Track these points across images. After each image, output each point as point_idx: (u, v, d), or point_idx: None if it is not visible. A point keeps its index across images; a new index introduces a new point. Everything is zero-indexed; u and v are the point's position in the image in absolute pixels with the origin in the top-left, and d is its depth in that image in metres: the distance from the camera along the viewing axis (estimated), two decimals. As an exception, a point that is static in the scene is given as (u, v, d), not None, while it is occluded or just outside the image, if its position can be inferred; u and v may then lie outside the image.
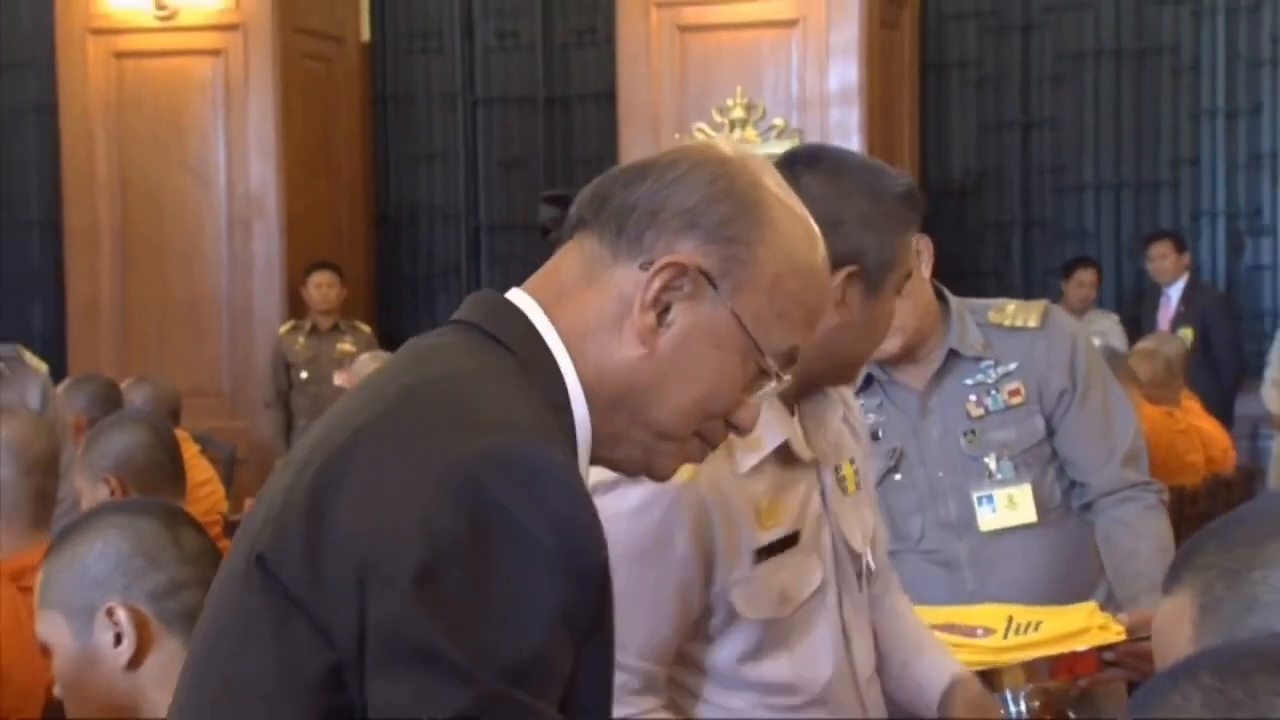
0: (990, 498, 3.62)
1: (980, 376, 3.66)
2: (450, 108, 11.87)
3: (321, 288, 8.42)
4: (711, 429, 1.74)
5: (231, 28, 9.75)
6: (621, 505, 2.50)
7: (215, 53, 9.84)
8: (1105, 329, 9.78)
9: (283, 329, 9.02)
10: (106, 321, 10.34)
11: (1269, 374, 9.46)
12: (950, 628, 3.32)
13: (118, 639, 2.40)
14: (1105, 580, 3.66)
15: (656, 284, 1.62)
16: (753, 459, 2.64)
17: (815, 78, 9.11)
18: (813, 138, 8.68)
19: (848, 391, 3.02)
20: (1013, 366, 3.64)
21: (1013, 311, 3.71)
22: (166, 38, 9.88)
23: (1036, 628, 3.38)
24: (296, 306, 9.61)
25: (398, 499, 1.51)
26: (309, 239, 9.87)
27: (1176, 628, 1.50)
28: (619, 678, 2.36)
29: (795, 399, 2.74)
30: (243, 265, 10.16)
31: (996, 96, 11.29)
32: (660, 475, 1.81)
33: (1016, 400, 3.63)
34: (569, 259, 1.71)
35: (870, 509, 2.94)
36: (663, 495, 2.56)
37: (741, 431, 1.77)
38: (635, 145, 9.11)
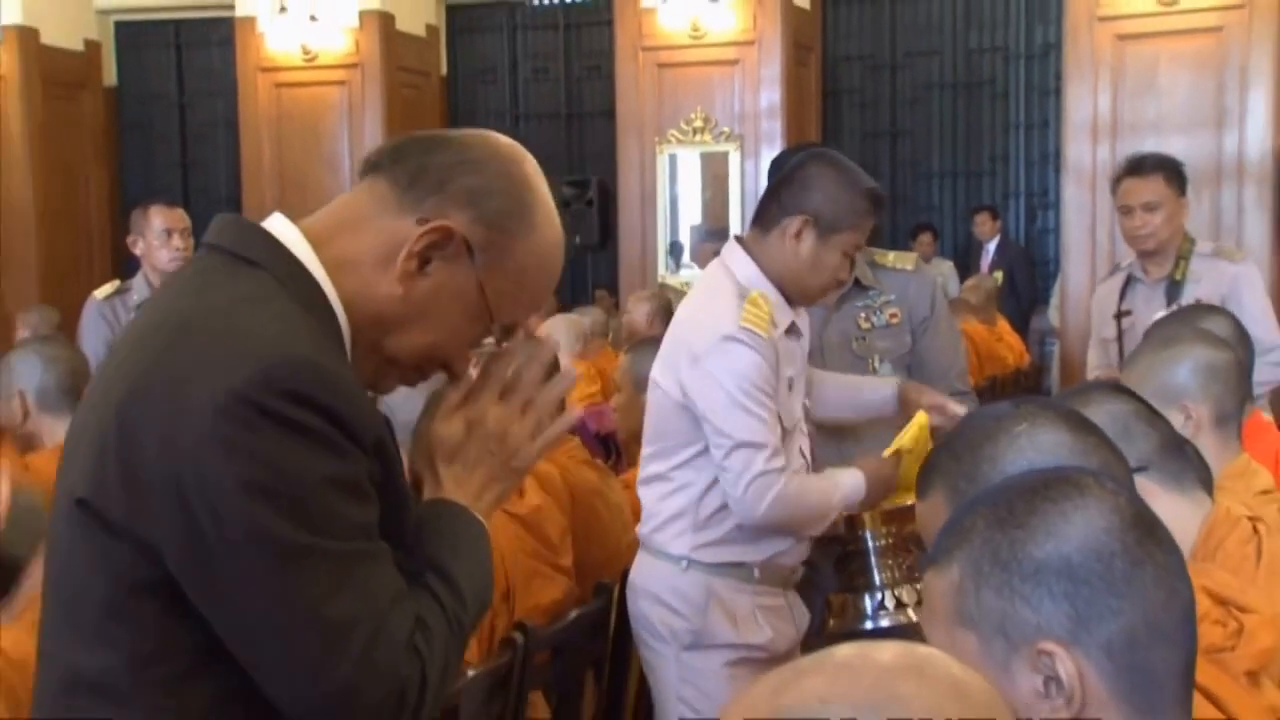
0: None
1: (868, 301, 3.82)
2: (501, 122, 12.22)
3: (173, 237, 5.54)
4: (429, 370, 1.69)
5: (353, 66, 10.13)
6: (749, 350, 2.95)
7: (342, 83, 10.20)
8: (944, 272, 10.24)
9: (102, 291, 6.30)
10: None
11: (1052, 301, 9.63)
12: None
13: None
14: None
15: (426, 239, 1.56)
16: (778, 332, 3.03)
17: (751, 100, 9.28)
18: (750, 143, 9.26)
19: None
20: (892, 297, 3.81)
21: (893, 258, 3.93)
22: (310, 73, 10.20)
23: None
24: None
25: (199, 426, 1.41)
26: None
27: (936, 520, 1.68)
28: (767, 459, 2.93)
29: (793, 304, 3.10)
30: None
31: (874, 115, 12.05)
32: (382, 392, 1.72)
33: (894, 321, 3.79)
34: (357, 198, 1.65)
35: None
36: (766, 344, 2.97)
37: (454, 377, 1.69)
38: (628, 147, 9.52)
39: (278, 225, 1.59)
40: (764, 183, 8.71)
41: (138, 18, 12.24)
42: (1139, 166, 4.78)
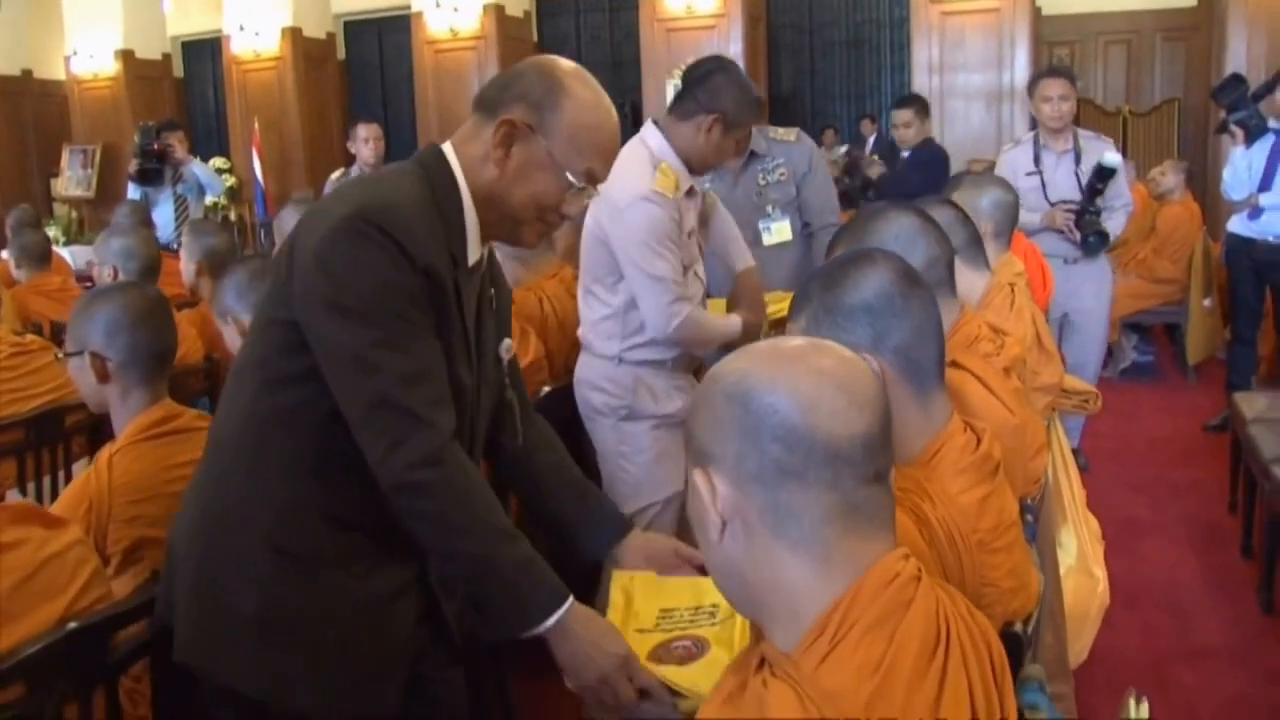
0: (769, 227, 3.59)
1: (764, 166, 3.60)
2: None
3: (370, 141, 5.85)
4: (550, 217, 1.63)
5: (480, 38, 10.37)
6: (658, 207, 2.69)
7: (474, 49, 10.41)
8: (840, 154, 9.99)
9: (335, 175, 6.16)
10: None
11: None
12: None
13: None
14: None
15: (500, 132, 1.57)
16: (681, 195, 2.79)
17: (723, 50, 8.83)
18: None
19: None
20: (781, 160, 3.59)
21: (781, 133, 3.69)
22: (455, 44, 10.39)
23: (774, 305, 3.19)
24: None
25: (312, 242, 1.47)
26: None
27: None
28: (674, 296, 2.70)
29: (694, 173, 2.83)
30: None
31: (799, 60, 11.90)
32: (523, 243, 1.68)
33: (783, 178, 3.58)
34: (469, 124, 1.63)
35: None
36: (670, 203, 2.72)
37: (569, 217, 1.64)
38: (648, 82, 9.76)
39: (446, 145, 1.62)
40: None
41: (356, 16, 12.45)
42: (1054, 71, 4.62)
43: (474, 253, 1.62)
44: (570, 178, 1.60)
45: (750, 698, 1.04)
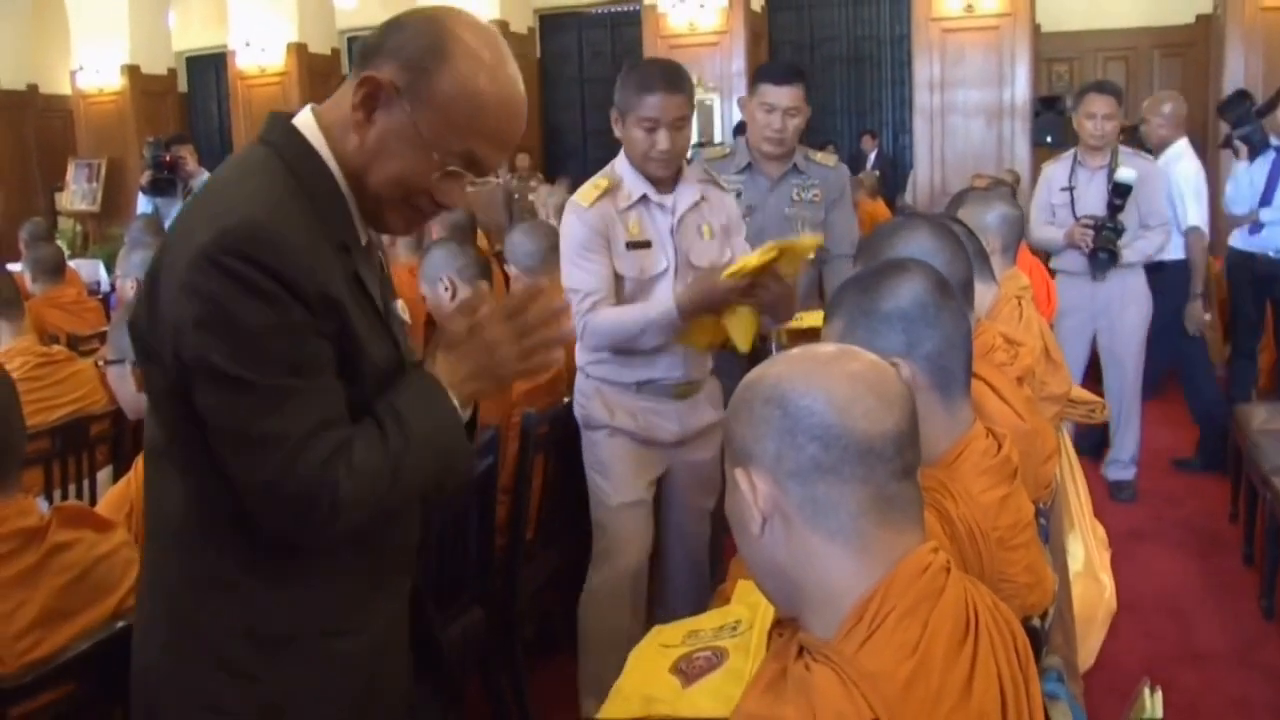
0: None
1: (800, 182, 3.48)
2: (576, 84, 12.48)
3: None
4: (421, 202, 1.39)
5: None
6: (575, 218, 2.70)
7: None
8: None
9: None
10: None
11: (907, 188, 9.50)
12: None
13: None
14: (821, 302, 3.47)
15: (361, 91, 1.32)
16: (624, 204, 2.72)
17: (725, 66, 9.64)
18: (725, 93, 9.58)
19: (720, 196, 2.88)
20: (817, 182, 3.48)
21: (821, 157, 3.56)
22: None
23: (800, 319, 3.09)
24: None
25: (180, 274, 1.25)
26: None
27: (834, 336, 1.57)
28: (585, 303, 2.66)
29: (664, 186, 2.75)
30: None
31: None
32: (390, 230, 1.44)
33: (816, 200, 3.48)
34: (347, 82, 1.39)
35: (721, 248, 2.83)
36: (588, 213, 2.70)
37: (448, 206, 1.38)
38: None
39: (301, 113, 1.39)
40: (732, 118, 9.03)
41: (362, 33, 11.73)
42: (1101, 87, 4.52)
43: (364, 230, 1.42)
44: (437, 157, 1.34)
45: (793, 682, 1.08)
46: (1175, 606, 3.61)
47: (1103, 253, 4.37)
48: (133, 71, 11.73)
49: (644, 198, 2.72)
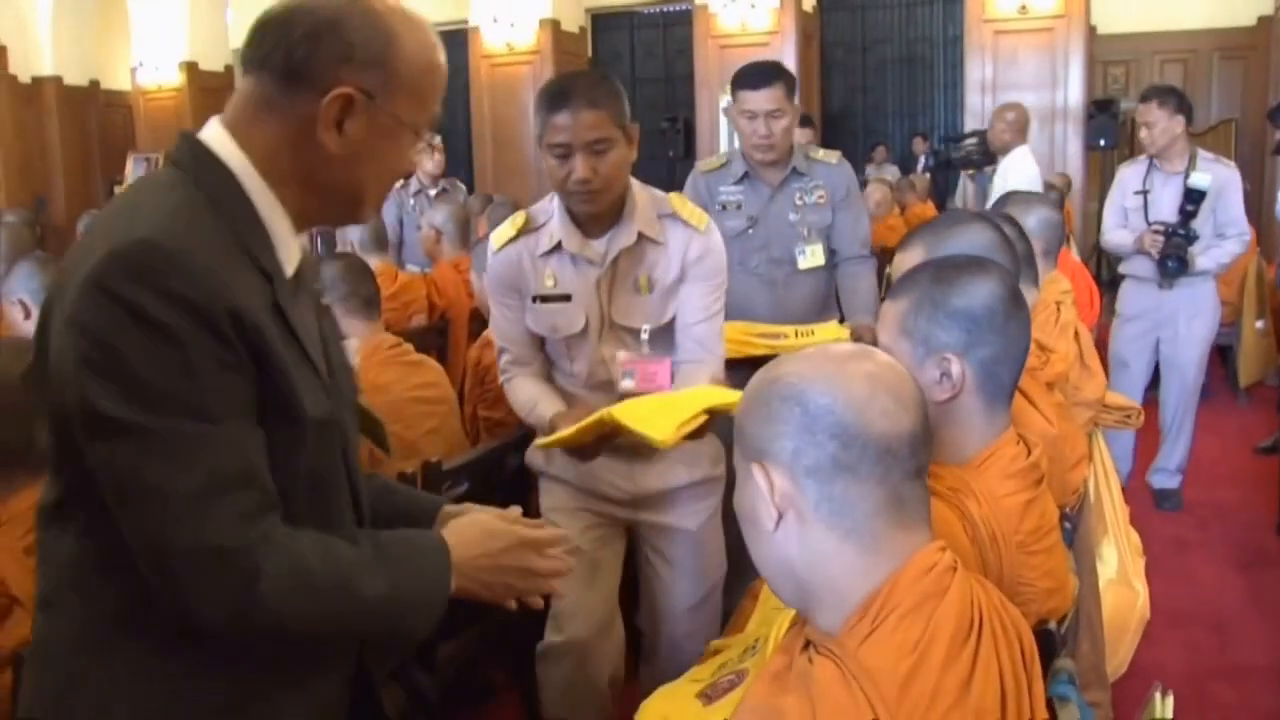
0: (803, 250, 3.37)
1: (802, 185, 3.39)
2: (627, 83, 12.04)
3: (433, 152, 5.78)
4: (395, 181, 1.35)
5: (535, 53, 10.44)
6: (492, 260, 2.40)
7: (529, 63, 10.50)
8: (893, 173, 10.25)
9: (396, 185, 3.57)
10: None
11: (958, 191, 8.89)
12: (764, 334, 3.19)
13: None
14: (838, 306, 3.47)
15: (333, 109, 1.21)
16: (544, 249, 2.34)
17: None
18: None
19: (685, 241, 2.36)
20: (820, 182, 3.39)
21: (822, 154, 3.46)
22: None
23: (812, 334, 3.24)
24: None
25: (63, 310, 1.11)
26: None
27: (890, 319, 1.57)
28: (505, 356, 2.41)
29: (595, 227, 2.33)
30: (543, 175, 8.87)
31: (852, 77, 12.11)
32: (362, 220, 1.36)
33: (821, 201, 3.38)
34: (252, 93, 1.24)
35: (661, 306, 2.37)
36: (502, 255, 2.36)
37: (412, 171, 1.13)
38: (701, 97, 9.78)
39: (208, 128, 1.26)
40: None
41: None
42: (1145, 95, 4.43)
43: (290, 260, 1.28)
44: (415, 131, 1.31)
45: (796, 674, 1.11)
46: (1216, 619, 3.57)
47: (1171, 260, 4.27)
48: (191, 68, 11.98)
49: (559, 246, 2.35)
